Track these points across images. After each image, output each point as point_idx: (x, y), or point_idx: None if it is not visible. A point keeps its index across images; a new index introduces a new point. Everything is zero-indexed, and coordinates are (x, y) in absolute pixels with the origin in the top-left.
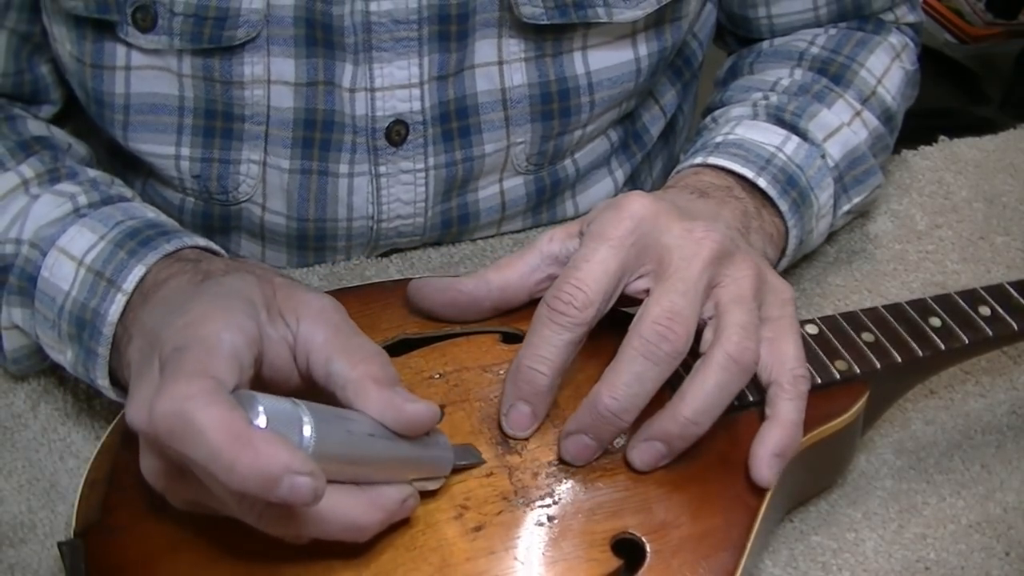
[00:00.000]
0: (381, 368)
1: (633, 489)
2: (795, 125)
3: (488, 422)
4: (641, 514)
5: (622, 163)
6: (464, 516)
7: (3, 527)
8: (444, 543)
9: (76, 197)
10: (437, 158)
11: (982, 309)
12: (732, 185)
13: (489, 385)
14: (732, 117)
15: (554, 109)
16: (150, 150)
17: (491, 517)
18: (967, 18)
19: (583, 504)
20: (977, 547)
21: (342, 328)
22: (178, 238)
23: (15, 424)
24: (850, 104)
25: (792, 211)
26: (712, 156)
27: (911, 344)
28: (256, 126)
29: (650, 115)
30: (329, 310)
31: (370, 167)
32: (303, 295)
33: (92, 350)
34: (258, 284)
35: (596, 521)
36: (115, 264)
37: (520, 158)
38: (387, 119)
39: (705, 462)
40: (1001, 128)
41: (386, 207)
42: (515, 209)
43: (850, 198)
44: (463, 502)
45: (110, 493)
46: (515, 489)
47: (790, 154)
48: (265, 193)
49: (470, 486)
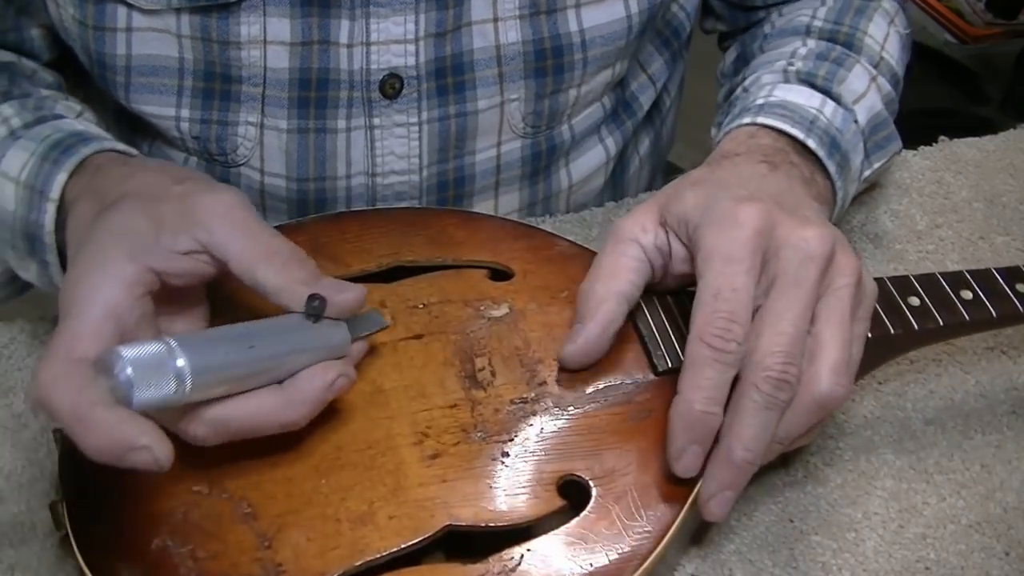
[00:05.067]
0: (303, 269)
1: (588, 435)
2: (828, 89)
3: (460, 355)
4: (591, 459)
5: (612, 132)
6: (423, 443)
7: (3, 527)
8: (401, 466)
9: (10, 120)
10: (431, 112)
11: (964, 293)
12: (786, 148)
13: (468, 319)
14: (765, 82)
15: (548, 66)
16: (152, 111)
17: (448, 447)
18: (967, 18)
19: (538, 444)
20: (977, 547)
21: (255, 230)
22: (97, 142)
23: (15, 424)
24: (867, 69)
25: (839, 173)
26: (761, 116)
27: (884, 320)
28: (253, 88)
29: (638, 83)
30: (237, 210)
31: (365, 120)
32: (205, 200)
33: (44, 260)
34: (144, 208)
35: (547, 461)
36: (42, 176)
37: (516, 117)
38: (381, 72)
39: (661, 417)
40: (1001, 128)
41: (380, 159)
42: (510, 173)
43: (871, 164)
44: (425, 429)
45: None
46: (475, 423)
47: (829, 117)
48: (263, 156)
49: (434, 415)
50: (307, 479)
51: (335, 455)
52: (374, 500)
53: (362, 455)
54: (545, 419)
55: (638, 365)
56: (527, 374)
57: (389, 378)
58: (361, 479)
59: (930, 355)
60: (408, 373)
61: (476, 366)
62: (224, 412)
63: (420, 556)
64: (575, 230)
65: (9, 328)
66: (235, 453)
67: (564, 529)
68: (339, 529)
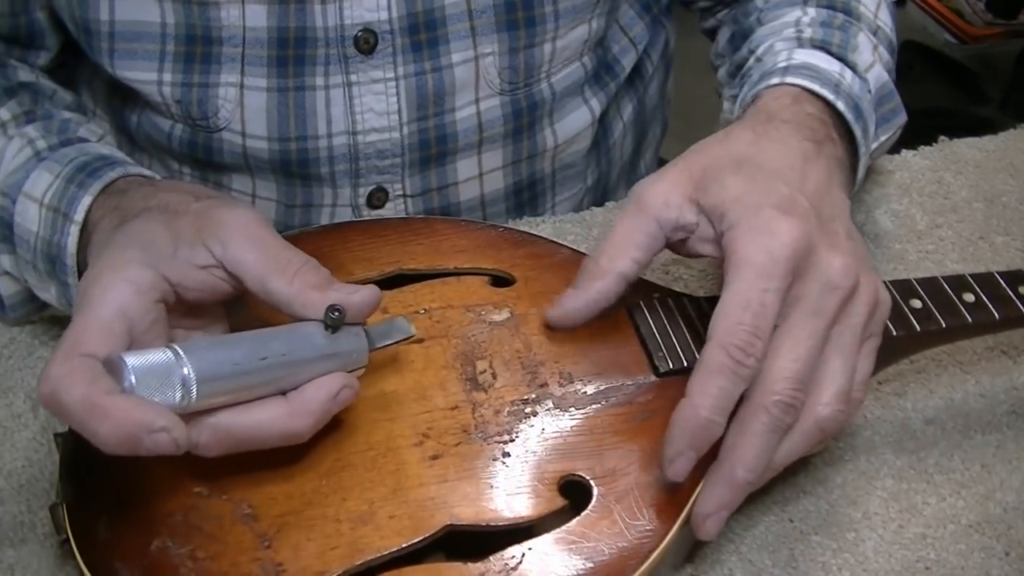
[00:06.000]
0: (315, 274)
1: (589, 435)
2: (844, 57)
3: (461, 358)
4: (592, 459)
5: (595, 92)
6: (424, 444)
7: (3, 527)
8: (402, 467)
9: (35, 142)
10: (407, 67)
11: (966, 296)
12: (827, 120)
13: (470, 324)
14: (779, 49)
15: (519, 19)
16: (135, 76)
17: (449, 447)
18: (967, 18)
19: (538, 444)
20: (977, 547)
21: (269, 244)
22: (121, 166)
23: (15, 424)
24: (869, 38)
25: (863, 139)
26: (789, 76)
27: (886, 323)
28: (233, 48)
29: (620, 46)
30: (252, 225)
31: (343, 77)
32: (222, 215)
33: (64, 282)
34: (166, 221)
35: (548, 461)
36: (67, 198)
37: (491, 73)
38: (355, 27)
39: (663, 418)
40: (1001, 128)
41: (359, 117)
42: (493, 131)
43: (878, 136)
44: (426, 431)
45: None
46: (476, 424)
47: (850, 82)
48: (244, 118)
49: (435, 417)
50: (307, 480)
51: (336, 456)
52: (374, 500)
53: (363, 456)
54: (546, 419)
55: (639, 366)
56: (528, 376)
57: (390, 381)
58: (362, 480)
59: (930, 355)
60: (410, 376)
61: (477, 369)
62: (228, 421)
63: (421, 556)
64: (575, 230)
65: (9, 328)
66: (236, 455)
67: (565, 528)
68: (339, 529)
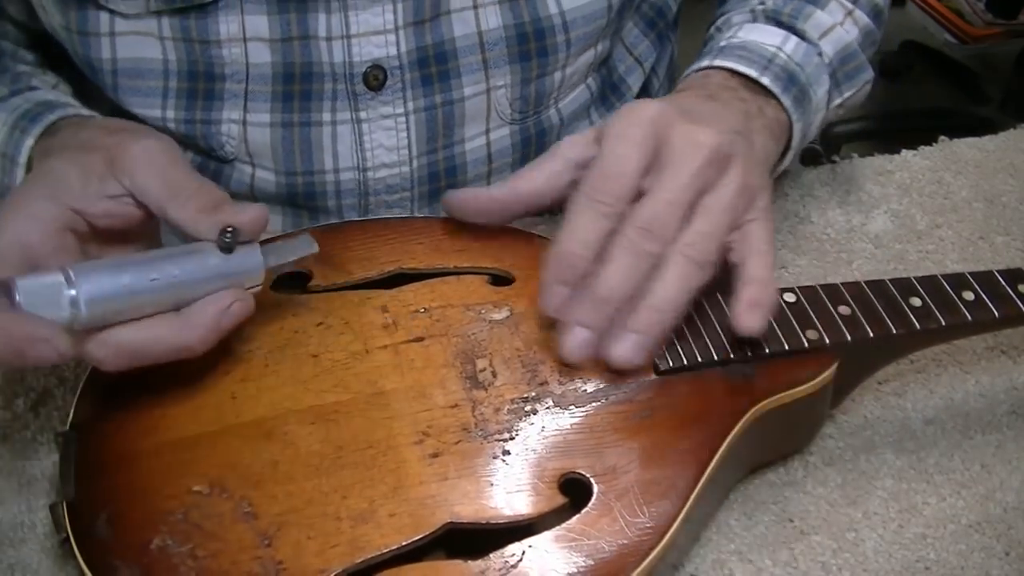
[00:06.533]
0: (207, 198)
1: (589, 433)
2: (792, 26)
3: (461, 356)
4: (592, 457)
5: (602, 114)
6: (424, 442)
7: (3, 527)
8: (402, 465)
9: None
10: (416, 102)
11: (966, 294)
12: (737, 87)
13: (469, 323)
14: (734, 23)
15: (531, 50)
16: (139, 113)
17: (449, 446)
18: (967, 18)
19: (538, 442)
20: (977, 547)
21: (168, 171)
22: (62, 108)
23: (15, 424)
24: (841, 4)
25: (795, 106)
26: (718, 58)
27: (886, 320)
28: (236, 84)
29: (626, 66)
30: (156, 154)
31: (351, 114)
32: (128, 147)
33: None
34: (77, 156)
35: (548, 459)
36: (13, 142)
37: (503, 104)
38: (364, 64)
39: (663, 416)
40: (1001, 128)
41: (370, 153)
42: (502, 161)
43: (841, 92)
44: (425, 429)
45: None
46: (476, 422)
47: (790, 53)
48: (250, 153)
49: (435, 415)
50: (307, 478)
51: (335, 455)
52: (375, 498)
53: (363, 455)
54: (546, 418)
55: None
56: (528, 374)
57: (390, 380)
58: (362, 478)
59: (930, 355)
60: (409, 375)
61: (477, 367)
62: (122, 335)
63: (421, 554)
64: None
65: None
66: (235, 453)
67: (566, 526)
68: (339, 527)
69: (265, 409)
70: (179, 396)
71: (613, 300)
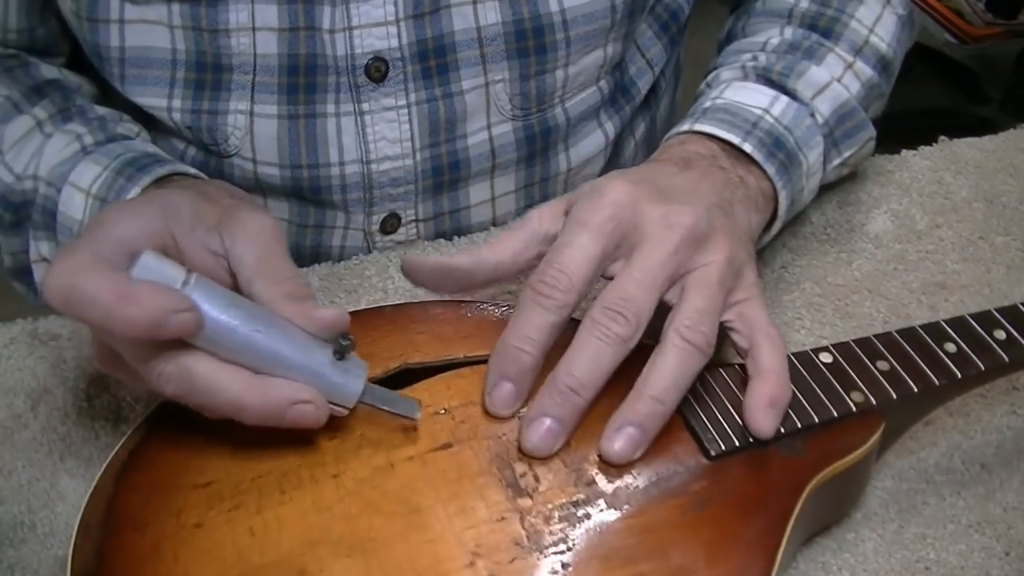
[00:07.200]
0: (297, 287)
1: (648, 534)
2: (783, 84)
3: (498, 461)
4: (656, 559)
5: (611, 116)
6: (476, 564)
7: (3, 527)
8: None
9: (83, 137)
10: (418, 94)
11: (997, 333)
12: (717, 154)
13: (497, 421)
14: (722, 80)
15: (529, 47)
16: (145, 102)
17: (504, 566)
18: (967, 18)
19: (597, 550)
20: (977, 547)
21: (272, 252)
22: (171, 164)
23: (15, 424)
24: (841, 57)
25: (780, 173)
26: (698, 123)
27: (927, 372)
28: (244, 75)
29: (637, 68)
30: (266, 232)
31: (354, 106)
32: (244, 215)
33: None
34: (196, 200)
35: (611, 568)
36: (116, 189)
37: (502, 99)
38: (366, 56)
39: (721, 504)
40: (1001, 128)
41: (373, 146)
42: (506, 157)
43: (840, 152)
44: (475, 549)
45: (105, 539)
46: (527, 534)
47: (777, 115)
48: (254, 146)
49: (481, 531)
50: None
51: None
52: None
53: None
54: (600, 522)
55: (688, 452)
56: (573, 474)
57: (424, 496)
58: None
59: None
60: (444, 488)
61: (516, 472)
62: (196, 362)
63: None
64: None
65: (9, 328)
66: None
67: None
68: None
69: (291, 544)
70: (190, 538)
71: (579, 388)
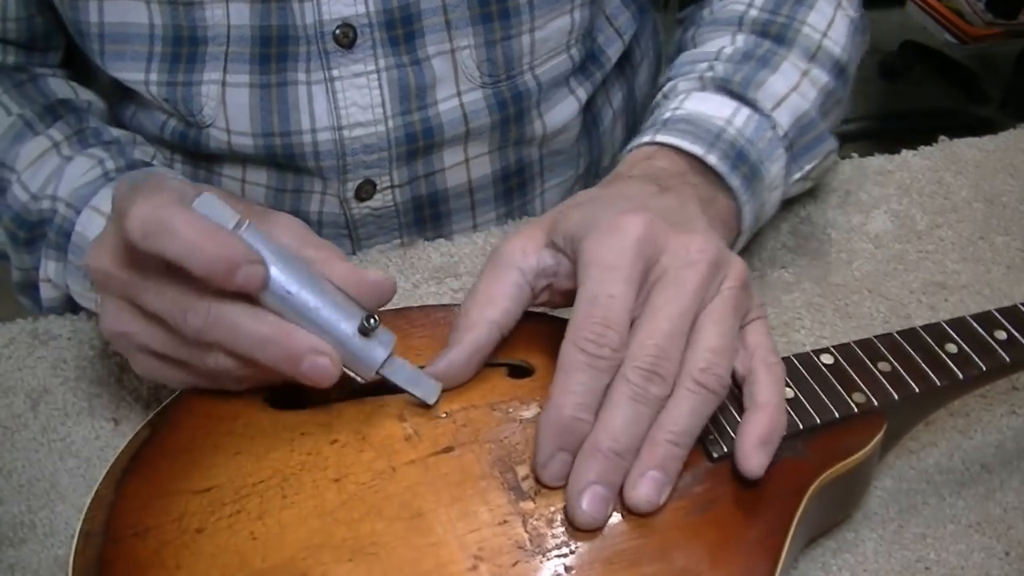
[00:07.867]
0: (343, 255)
1: (651, 536)
2: (743, 95)
3: (500, 465)
4: (660, 562)
5: (581, 82)
6: (479, 568)
7: (3, 527)
8: None
9: (104, 162)
10: (387, 60)
11: (998, 333)
12: (685, 170)
13: (498, 425)
14: (680, 91)
15: (492, 11)
16: (125, 77)
17: (507, 569)
18: (967, 18)
19: (600, 553)
20: (977, 547)
21: (310, 233)
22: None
23: (15, 424)
24: (795, 65)
25: (744, 187)
26: (660, 133)
27: (928, 373)
28: (217, 47)
29: (605, 36)
30: (297, 223)
31: (324, 72)
32: (273, 215)
33: None
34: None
35: (614, 570)
36: None
37: (470, 66)
38: (334, 23)
39: (724, 506)
40: (1001, 128)
41: (344, 111)
42: (479, 123)
43: (800, 166)
44: (477, 552)
45: (106, 546)
46: (530, 537)
47: (740, 127)
48: (227, 116)
49: (484, 535)
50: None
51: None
52: None
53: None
54: (603, 525)
55: (691, 454)
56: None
57: (426, 500)
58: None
59: None
60: (446, 492)
61: (518, 475)
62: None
63: None
64: None
65: (9, 328)
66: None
67: None
68: None
69: (293, 548)
70: (192, 544)
71: (624, 452)
